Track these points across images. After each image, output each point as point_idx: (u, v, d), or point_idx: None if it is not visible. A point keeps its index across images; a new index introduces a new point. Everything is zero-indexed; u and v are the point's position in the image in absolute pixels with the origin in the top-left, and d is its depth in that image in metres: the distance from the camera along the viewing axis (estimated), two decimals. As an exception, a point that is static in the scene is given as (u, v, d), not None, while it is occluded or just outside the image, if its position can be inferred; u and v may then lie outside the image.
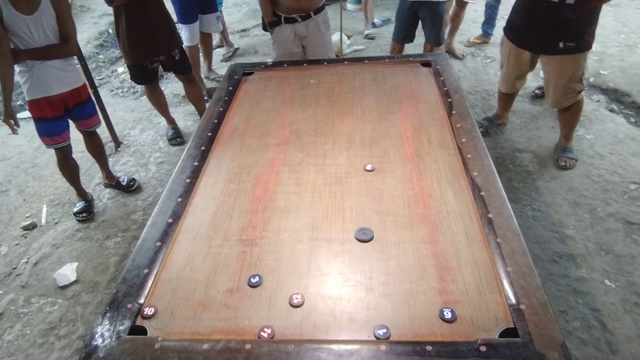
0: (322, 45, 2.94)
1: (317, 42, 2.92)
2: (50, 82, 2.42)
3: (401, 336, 1.09)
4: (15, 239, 2.78)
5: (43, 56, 2.35)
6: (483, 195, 1.45)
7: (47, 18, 2.29)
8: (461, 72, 4.14)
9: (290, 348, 1.06)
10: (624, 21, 4.92)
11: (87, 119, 2.70)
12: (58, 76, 2.43)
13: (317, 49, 2.94)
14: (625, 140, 3.11)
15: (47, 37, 2.33)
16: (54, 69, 2.40)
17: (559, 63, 2.70)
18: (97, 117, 2.78)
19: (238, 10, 6.12)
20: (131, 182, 3.05)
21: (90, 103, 2.69)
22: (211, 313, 1.19)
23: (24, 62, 2.32)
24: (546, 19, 2.57)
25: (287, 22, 2.83)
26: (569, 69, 2.68)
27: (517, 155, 3.06)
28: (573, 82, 2.72)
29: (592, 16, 2.53)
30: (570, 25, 2.52)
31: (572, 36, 2.55)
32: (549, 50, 2.68)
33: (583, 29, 2.54)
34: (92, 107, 2.72)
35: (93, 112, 2.74)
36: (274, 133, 1.92)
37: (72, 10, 2.48)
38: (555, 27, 2.56)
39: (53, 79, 2.42)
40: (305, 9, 2.78)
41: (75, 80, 2.54)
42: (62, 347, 2.12)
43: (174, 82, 4.30)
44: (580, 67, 2.67)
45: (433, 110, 1.96)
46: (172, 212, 1.51)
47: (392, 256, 1.30)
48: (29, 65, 2.34)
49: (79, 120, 2.68)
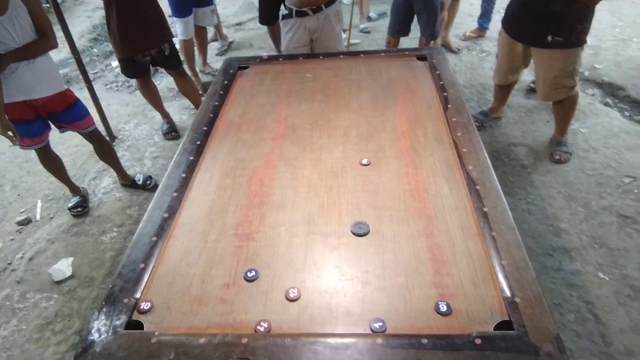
0: (332, 39, 2.90)
1: (328, 35, 2.87)
2: (33, 85, 2.33)
3: (397, 329, 1.09)
4: (10, 234, 2.77)
5: (27, 55, 2.25)
6: (478, 189, 1.46)
7: (20, 14, 2.19)
8: (457, 66, 4.14)
9: (287, 342, 1.06)
10: (619, 15, 4.93)
11: (80, 120, 2.60)
12: (41, 80, 2.34)
13: (328, 42, 2.89)
14: (619, 134, 3.12)
15: (27, 32, 2.24)
16: (37, 72, 2.32)
17: (548, 57, 2.70)
18: (90, 118, 2.67)
19: (233, 4, 6.08)
20: (147, 181, 2.99)
21: (79, 105, 2.58)
22: (207, 307, 1.19)
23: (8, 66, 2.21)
24: (536, 11, 2.58)
25: (298, 15, 2.77)
26: (558, 64, 2.67)
27: (512, 149, 3.07)
28: (562, 77, 2.72)
29: (583, 13, 2.51)
30: (558, 19, 2.51)
31: (561, 30, 2.55)
32: (538, 43, 2.68)
33: (572, 25, 2.52)
34: (82, 109, 2.61)
35: (85, 113, 2.63)
36: (269, 127, 1.92)
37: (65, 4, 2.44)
38: (543, 19, 2.56)
39: (36, 82, 2.33)
40: (316, 2, 2.73)
41: (58, 84, 2.44)
42: (58, 342, 2.12)
43: (168, 77, 4.26)
44: (569, 62, 2.66)
45: (429, 105, 1.96)
46: (168, 206, 1.51)
47: (388, 250, 1.31)
48: (12, 67, 2.24)
49: (72, 123, 2.59)
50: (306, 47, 2.90)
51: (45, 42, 2.33)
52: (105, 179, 3.12)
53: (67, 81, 4.51)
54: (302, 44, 2.87)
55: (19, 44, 2.22)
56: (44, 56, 2.36)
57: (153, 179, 3.03)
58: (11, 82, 2.28)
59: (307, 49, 2.90)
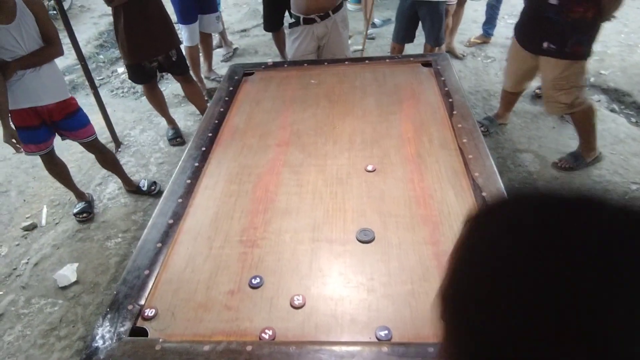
0: (339, 44, 2.90)
1: (335, 41, 2.87)
2: (39, 92, 2.34)
3: (403, 337, 1.08)
4: (16, 240, 2.78)
5: (34, 62, 2.27)
6: (484, 196, 1.45)
7: (27, 22, 2.21)
8: (462, 72, 4.13)
9: (292, 350, 1.05)
10: (624, 21, 4.92)
11: (80, 129, 2.59)
12: (47, 87, 2.36)
13: (335, 48, 2.90)
14: (626, 140, 3.10)
15: (34, 40, 2.25)
16: (43, 80, 2.33)
17: (544, 65, 2.66)
18: (90, 128, 2.65)
19: (238, 11, 6.12)
20: (152, 187, 3.00)
21: (80, 113, 2.58)
22: (212, 314, 1.19)
23: (15, 73, 2.23)
24: (535, 17, 2.59)
25: (306, 22, 2.76)
26: (550, 73, 2.62)
27: (518, 156, 3.05)
28: (555, 90, 2.63)
29: (580, 25, 2.43)
30: (553, 26, 2.50)
31: (554, 38, 2.52)
32: (536, 49, 2.66)
33: (567, 34, 2.46)
34: (83, 117, 2.60)
35: (85, 122, 2.62)
36: (274, 133, 1.92)
37: (72, 10, 2.46)
38: (540, 25, 2.56)
39: (42, 89, 2.34)
40: (323, 8, 2.73)
41: (63, 92, 2.45)
42: (63, 348, 2.12)
43: (174, 83, 4.29)
44: (562, 76, 2.57)
45: (434, 111, 1.96)
46: (173, 213, 1.51)
47: (394, 257, 1.30)
48: (19, 75, 2.25)
49: (71, 132, 2.58)
50: (313, 55, 2.90)
51: (51, 50, 2.34)
52: (111, 185, 3.13)
53: (74, 87, 4.54)
54: (309, 51, 2.87)
55: (26, 52, 2.24)
56: (50, 63, 2.38)
57: (158, 185, 3.03)
58: (17, 88, 2.29)
59: (314, 56, 2.90)
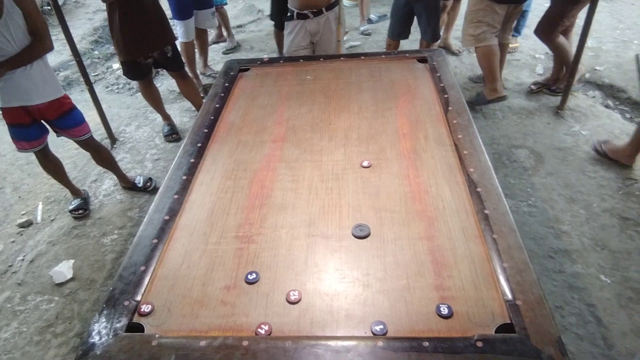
0: (332, 42, 2.93)
1: (327, 38, 2.91)
2: (29, 92, 2.30)
3: (398, 332, 1.09)
4: (11, 237, 2.77)
5: (23, 61, 2.22)
6: (479, 192, 1.46)
7: (15, 19, 2.14)
8: (457, 68, 4.14)
9: (288, 344, 1.06)
10: (619, 17, 4.93)
11: (75, 128, 2.56)
12: (38, 86, 2.31)
13: (328, 45, 2.94)
14: (620, 136, 3.12)
15: (24, 35, 2.20)
16: (34, 78, 2.29)
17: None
18: (85, 126, 2.63)
19: (234, 6, 6.10)
20: (148, 183, 2.99)
21: (75, 112, 2.54)
22: (208, 310, 1.19)
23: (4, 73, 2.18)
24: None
25: (299, 17, 2.82)
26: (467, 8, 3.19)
27: (513, 151, 3.07)
28: (466, 22, 3.18)
29: None
30: None
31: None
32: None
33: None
34: (78, 116, 2.57)
35: (80, 121, 2.59)
36: (270, 129, 1.92)
37: (66, 6, 2.44)
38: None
39: (33, 89, 2.30)
40: (316, 5, 2.77)
41: (55, 91, 2.40)
42: (59, 345, 2.12)
43: (169, 79, 4.28)
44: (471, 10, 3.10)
45: (429, 107, 1.96)
46: (169, 209, 1.51)
47: (389, 252, 1.31)
48: (9, 74, 2.21)
49: (66, 130, 2.56)
50: (307, 50, 2.93)
51: (40, 45, 2.27)
52: (106, 181, 3.12)
53: (68, 84, 4.52)
54: (303, 46, 2.90)
55: (16, 49, 2.19)
56: (41, 62, 2.32)
57: (153, 181, 3.03)
58: (7, 87, 2.26)
59: (308, 51, 2.93)
